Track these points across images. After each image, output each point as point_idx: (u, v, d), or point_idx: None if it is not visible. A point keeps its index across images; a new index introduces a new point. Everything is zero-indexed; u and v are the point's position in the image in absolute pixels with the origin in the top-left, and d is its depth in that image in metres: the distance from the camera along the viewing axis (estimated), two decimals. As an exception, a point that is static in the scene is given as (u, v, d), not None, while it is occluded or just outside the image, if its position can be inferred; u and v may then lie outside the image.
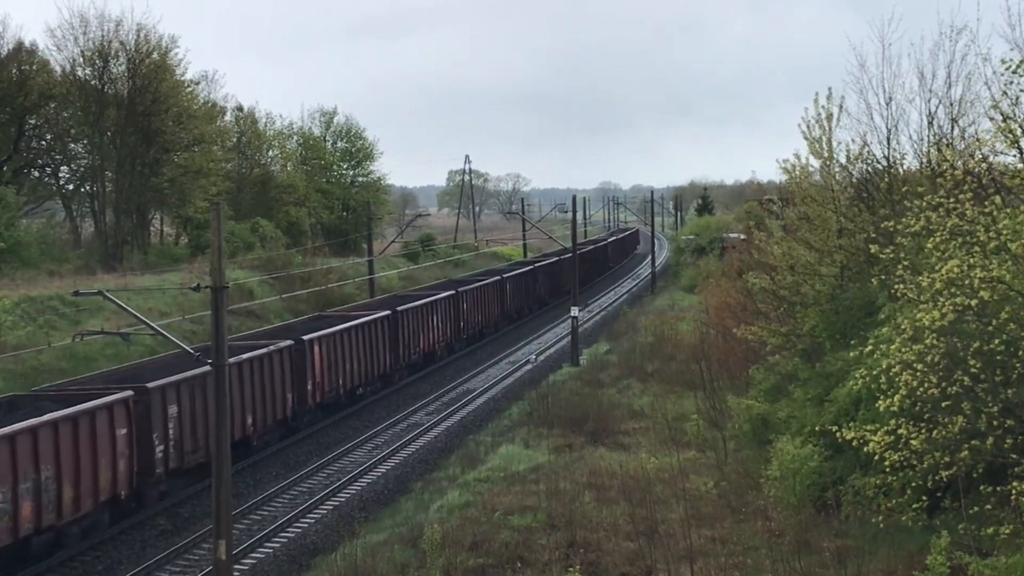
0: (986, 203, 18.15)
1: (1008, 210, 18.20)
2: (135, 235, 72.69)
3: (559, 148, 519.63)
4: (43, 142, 75.60)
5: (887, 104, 28.49)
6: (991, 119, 19.33)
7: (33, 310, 47.23)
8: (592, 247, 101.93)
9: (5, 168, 69.98)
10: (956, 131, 27.17)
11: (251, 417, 34.16)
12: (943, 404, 17.74)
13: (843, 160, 30.17)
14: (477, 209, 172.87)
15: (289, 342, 37.02)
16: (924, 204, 18.45)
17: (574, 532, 23.53)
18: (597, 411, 37.19)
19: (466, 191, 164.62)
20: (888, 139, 28.96)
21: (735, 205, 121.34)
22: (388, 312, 46.10)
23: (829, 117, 29.67)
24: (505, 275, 66.12)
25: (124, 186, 70.11)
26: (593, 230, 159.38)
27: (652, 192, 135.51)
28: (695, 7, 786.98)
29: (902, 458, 18.07)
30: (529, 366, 51.91)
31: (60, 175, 77.80)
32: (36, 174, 77.17)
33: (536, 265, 75.44)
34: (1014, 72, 18.24)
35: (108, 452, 26.98)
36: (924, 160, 28.24)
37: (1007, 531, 17.34)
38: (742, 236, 54.36)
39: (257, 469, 34.14)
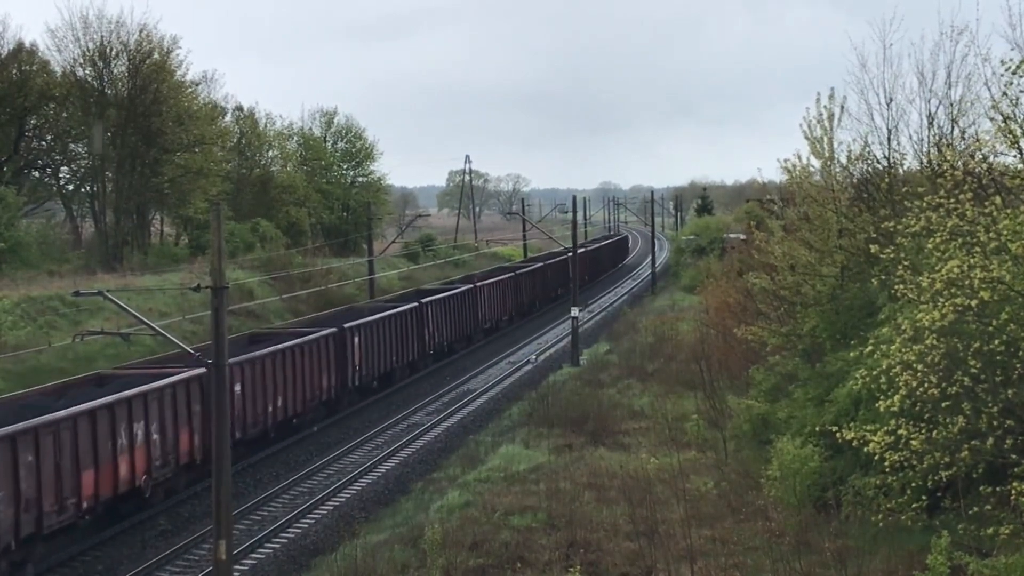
0: (986, 203, 18.15)
1: (1008, 210, 18.19)
2: (135, 235, 72.74)
3: (559, 148, 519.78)
4: (43, 142, 75.69)
5: (887, 104, 28.54)
6: (991, 119, 19.34)
7: (33, 310, 47.25)
8: (540, 265, 75.71)
9: (5, 168, 70.04)
10: (956, 131, 27.20)
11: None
12: (943, 404, 17.73)
13: (844, 160, 30.19)
14: (477, 209, 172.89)
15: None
16: (924, 204, 18.45)
17: (574, 532, 23.53)
18: (597, 411, 37.19)
19: (466, 191, 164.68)
20: (888, 139, 29.01)
21: (735, 205, 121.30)
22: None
23: (831, 117, 29.67)
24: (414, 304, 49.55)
25: (124, 186, 70.17)
26: (593, 230, 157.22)
27: (652, 192, 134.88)
28: (695, 7, 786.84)
29: (902, 458, 18.06)
30: (529, 366, 51.91)
31: (60, 175, 77.95)
32: (36, 174, 77.26)
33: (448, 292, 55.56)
34: (1014, 72, 18.23)
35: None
36: (924, 160, 28.25)
37: (1007, 531, 17.33)
38: (742, 236, 54.35)
39: (257, 469, 34.16)
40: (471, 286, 58.18)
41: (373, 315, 44.96)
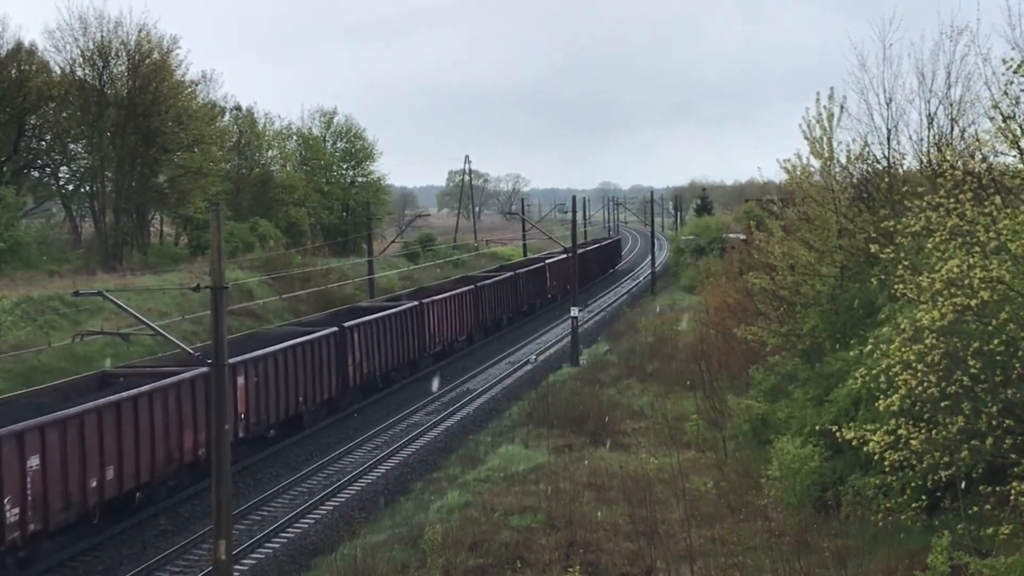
0: (986, 203, 18.17)
1: (1008, 210, 18.20)
2: (135, 235, 72.69)
3: (559, 148, 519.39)
4: (43, 142, 75.61)
5: (887, 104, 28.57)
6: (991, 119, 19.33)
7: (33, 310, 47.23)
8: (509, 275, 67.25)
9: (5, 168, 69.98)
10: (956, 131, 27.23)
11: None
12: (943, 404, 17.75)
13: (843, 160, 30.22)
14: (477, 209, 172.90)
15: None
16: (924, 204, 18.47)
17: (574, 532, 23.54)
18: (597, 411, 37.19)
19: (466, 191, 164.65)
20: (888, 139, 29.03)
21: (735, 205, 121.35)
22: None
23: (830, 117, 29.68)
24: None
25: (124, 186, 70.11)
26: (593, 230, 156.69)
27: (652, 192, 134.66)
28: (693, 7, 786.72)
29: (902, 458, 18.08)
30: (529, 366, 51.91)
31: (60, 175, 77.87)
32: (36, 174, 77.20)
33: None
34: (1015, 72, 18.24)
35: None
36: (924, 160, 28.28)
37: (1007, 531, 17.34)
38: (742, 236, 54.35)
39: (257, 469, 34.15)
40: (416, 303, 49.59)
41: (277, 344, 36.44)
